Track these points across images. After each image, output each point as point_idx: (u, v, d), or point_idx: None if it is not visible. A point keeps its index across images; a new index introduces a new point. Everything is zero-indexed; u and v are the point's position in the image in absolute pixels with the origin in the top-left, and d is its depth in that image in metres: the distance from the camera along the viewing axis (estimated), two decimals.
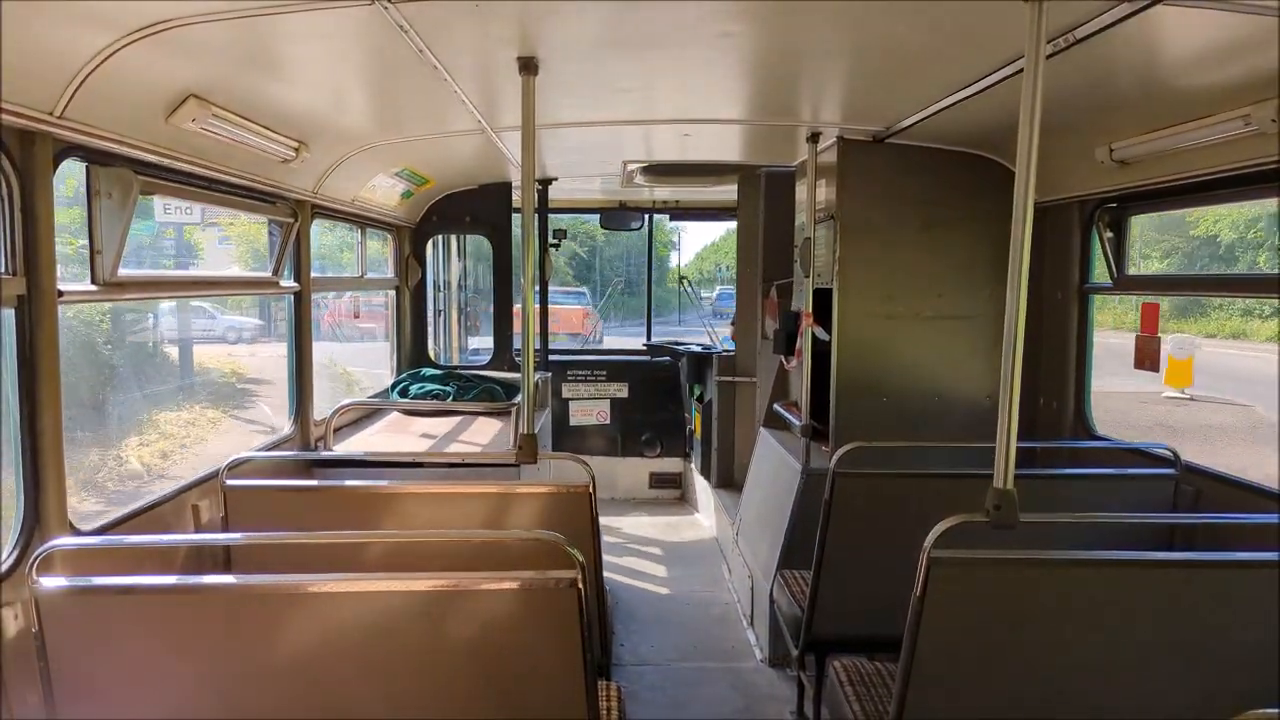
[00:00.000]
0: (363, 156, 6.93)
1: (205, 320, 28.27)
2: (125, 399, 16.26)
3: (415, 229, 9.97)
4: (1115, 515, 5.35)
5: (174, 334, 20.47)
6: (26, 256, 3.89)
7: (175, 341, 20.43)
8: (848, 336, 7.22)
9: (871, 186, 7.12)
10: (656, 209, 13.83)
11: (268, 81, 4.90)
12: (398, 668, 3.71)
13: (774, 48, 4.82)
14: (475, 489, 5.32)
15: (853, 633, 5.65)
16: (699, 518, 12.38)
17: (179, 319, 20.29)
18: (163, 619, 3.65)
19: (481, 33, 4.40)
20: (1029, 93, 3.53)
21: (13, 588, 3.82)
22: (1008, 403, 3.70)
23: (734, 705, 7.15)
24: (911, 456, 6.33)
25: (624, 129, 7.24)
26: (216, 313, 28.23)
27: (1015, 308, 3.67)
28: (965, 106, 5.58)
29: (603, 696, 4.68)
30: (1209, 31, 3.94)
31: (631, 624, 8.57)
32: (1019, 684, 3.95)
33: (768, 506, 8.33)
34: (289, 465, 6.63)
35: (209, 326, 28.09)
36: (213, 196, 5.53)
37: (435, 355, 10.60)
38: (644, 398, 13.37)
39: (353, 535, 4.82)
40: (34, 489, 4.01)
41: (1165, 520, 5.54)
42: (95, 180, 4.43)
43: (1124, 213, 6.33)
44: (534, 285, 5.41)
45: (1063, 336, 6.93)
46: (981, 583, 3.84)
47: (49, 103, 3.78)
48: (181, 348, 20.76)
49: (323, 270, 11.39)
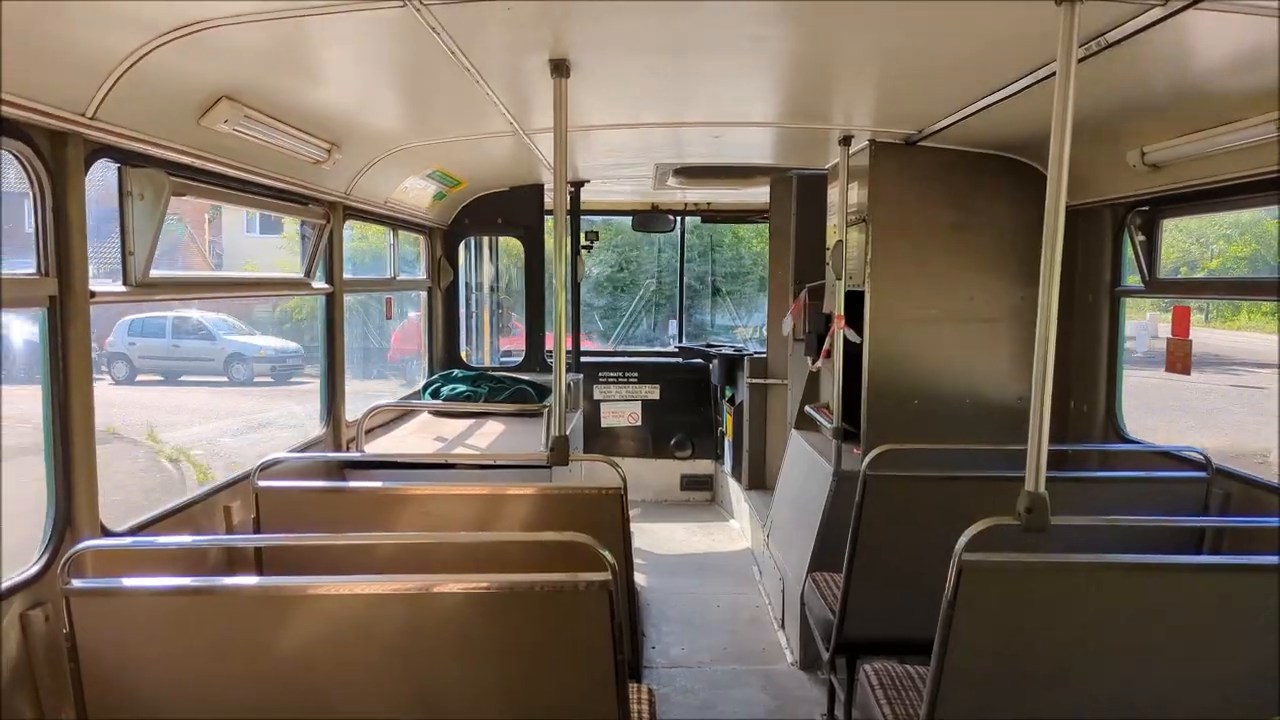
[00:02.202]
0: (394, 158, 6.95)
1: (197, 342, 23.38)
2: None
3: (447, 231, 10.00)
4: (1146, 518, 5.29)
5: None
6: (59, 257, 3.92)
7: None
8: (879, 339, 7.18)
9: (903, 189, 7.08)
10: (688, 211, 13.82)
11: (300, 83, 4.92)
12: (429, 669, 3.71)
13: (807, 51, 4.80)
14: (506, 490, 5.32)
15: (884, 635, 5.63)
16: (730, 520, 12.35)
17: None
18: (194, 620, 3.67)
19: (513, 35, 4.40)
20: (1061, 96, 3.51)
21: (44, 589, 3.85)
22: (1039, 405, 3.67)
23: (765, 708, 7.12)
24: (943, 459, 6.30)
25: (656, 131, 7.24)
26: (218, 330, 23.61)
27: (1047, 310, 3.64)
28: (997, 110, 5.54)
29: (634, 698, 4.67)
30: (1241, 35, 3.89)
31: (663, 626, 8.55)
32: (1050, 687, 3.92)
33: (799, 509, 8.30)
34: (320, 466, 6.66)
35: (202, 354, 23.07)
36: (244, 198, 5.56)
37: (467, 357, 10.62)
38: (675, 400, 13.35)
39: (383, 537, 4.83)
40: (65, 490, 4.03)
41: (1196, 524, 5.49)
42: (127, 181, 4.46)
43: (1156, 216, 6.27)
44: (566, 287, 5.41)
45: (1094, 339, 6.88)
46: (1013, 586, 3.81)
47: (81, 104, 3.81)
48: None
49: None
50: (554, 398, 5.33)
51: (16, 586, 3.75)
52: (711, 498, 13.32)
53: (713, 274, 25.37)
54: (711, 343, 14.43)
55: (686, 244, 16.19)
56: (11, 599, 3.71)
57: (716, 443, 13.15)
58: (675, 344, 14.40)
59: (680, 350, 13.96)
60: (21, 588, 3.77)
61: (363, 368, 18.62)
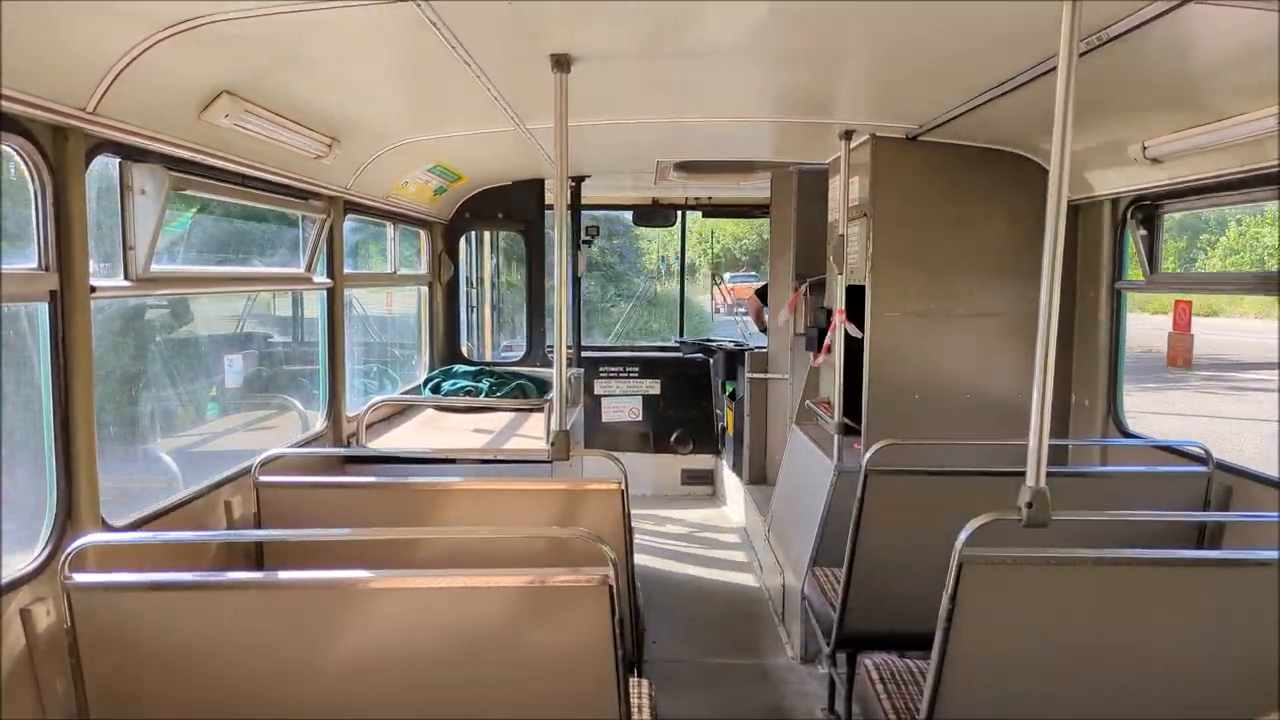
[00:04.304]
0: (395, 153, 6.95)
1: None
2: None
3: (448, 225, 10.00)
4: (1147, 513, 5.29)
5: None
6: (59, 252, 3.92)
7: None
8: (880, 333, 7.19)
9: (904, 184, 7.09)
10: (689, 206, 13.80)
11: (300, 78, 4.92)
12: (429, 664, 3.72)
13: (808, 47, 4.80)
14: (508, 485, 5.33)
15: (884, 630, 5.63)
16: (731, 514, 12.36)
17: None
18: (195, 615, 3.67)
19: (514, 30, 4.39)
20: (1062, 90, 3.50)
21: (45, 583, 3.84)
22: (1040, 400, 3.66)
23: (765, 702, 7.14)
24: (944, 454, 6.30)
25: (657, 126, 7.23)
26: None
27: (1048, 305, 3.63)
28: (998, 104, 5.54)
29: (635, 693, 4.68)
30: (1242, 29, 3.88)
31: (663, 621, 8.56)
32: (1051, 682, 3.92)
33: (800, 503, 8.31)
34: (321, 461, 6.66)
35: None
36: (245, 192, 5.55)
37: (468, 352, 10.63)
38: (676, 394, 13.35)
39: (384, 532, 4.83)
40: (66, 484, 4.02)
41: (1197, 519, 5.49)
42: (128, 176, 4.46)
43: (1157, 210, 6.26)
44: (566, 282, 5.41)
45: (1095, 334, 6.88)
46: (1014, 581, 3.81)
47: (81, 99, 3.81)
48: None
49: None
50: (555, 393, 5.33)
51: (17, 581, 3.75)
52: (712, 492, 13.32)
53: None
54: (712, 337, 14.42)
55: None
56: (12, 594, 3.71)
57: (717, 437, 13.15)
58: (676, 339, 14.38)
59: (681, 345, 13.94)
60: (22, 582, 3.77)
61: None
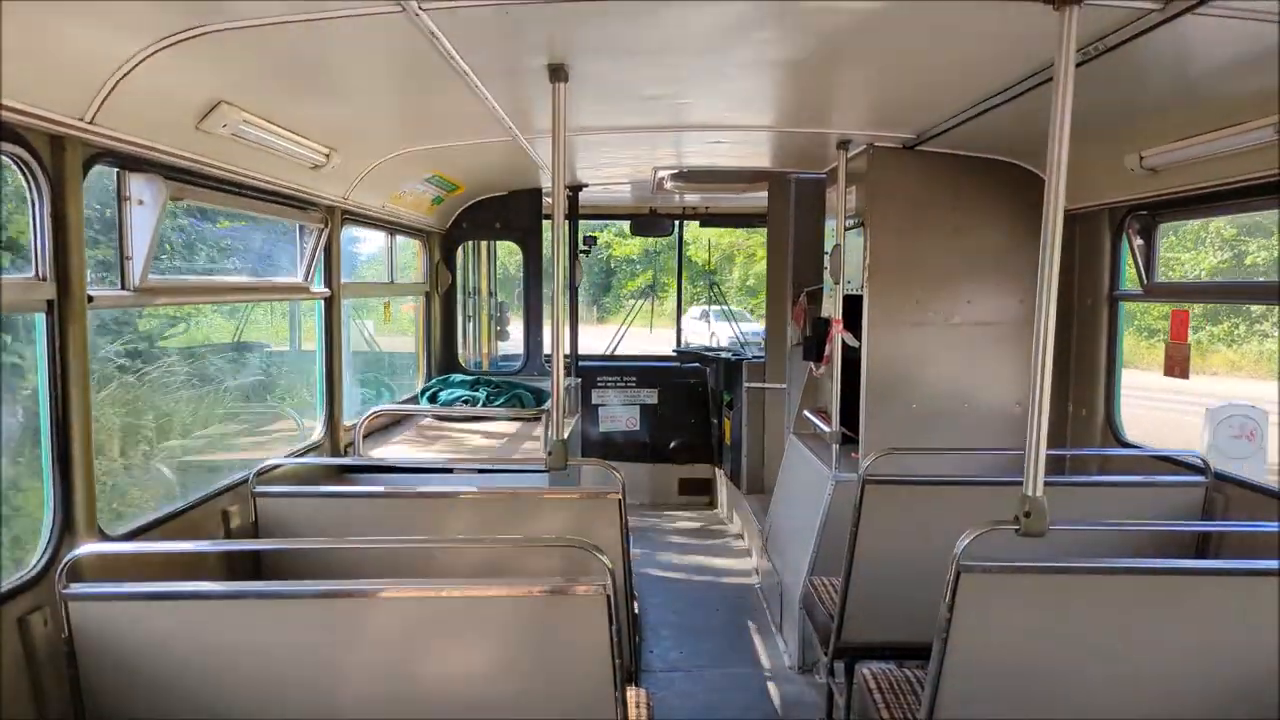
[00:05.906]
0: (393, 162, 6.95)
1: None
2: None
3: (445, 235, 10.00)
4: (1145, 523, 5.30)
5: None
6: (57, 261, 3.91)
7: None
8: (877, 343, 7.19)
9: (901, 193, 7.09)
10: (686, 215, 13.81)
11: (298, 88, 4.92)
12: (426, 673, 3.72)
13: (805, 56, 4.80)
14: (505, 495, 5.33)
15: (882, 639, 5.63)
16: (728, 524, 12.34)
17: None
18: (192, 625, 3.67)
19: (511, 40, 4.40)
20: (1059, 100, 3.51)
21: (43, 593, 3.84)
22: (1037, 410, 3.67)
23: (763, 711, 7.13)
24: (941, 463, 6.30)
25: (654, 135, 7.24)
26: None
27: (1045, 315, 3.64)
28: (995, 114, 5.55)
29: (632, 703, 4.67)
30: (1238, 39, 3.89)
31: (660, 630, 8.55)
32: (1048, 692, 3.92)
33: (797, 513, 8.31)
34: (319, 470, 6.65)
35: None
36: (243, 202, 5.55)
37: (465, 361, 10.62)
38: (674, 404, 13.35)
39: (382, 541, 4.83)
40: (64, 494, 4.01)
41: (1195, 529, 5.49)
42: (125, 186, 4.46)
43: (1154, 220, 6.27)
44: (564, 292, 5.42)
45: (1092, 344, 6.88)
46: (1011, 590, 3.81)
47: (79, 109, 3.81)
48: None
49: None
50: (552, 402, 5.33)
51: (15, 590, 3.75)
52: (710, 502, 13.31)
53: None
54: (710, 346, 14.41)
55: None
56: (10, 603, 3.70)
57: (715, 447, 13.14)
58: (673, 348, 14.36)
59: (679, 354, 13.93)
60: (20, 592, 3.76)
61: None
